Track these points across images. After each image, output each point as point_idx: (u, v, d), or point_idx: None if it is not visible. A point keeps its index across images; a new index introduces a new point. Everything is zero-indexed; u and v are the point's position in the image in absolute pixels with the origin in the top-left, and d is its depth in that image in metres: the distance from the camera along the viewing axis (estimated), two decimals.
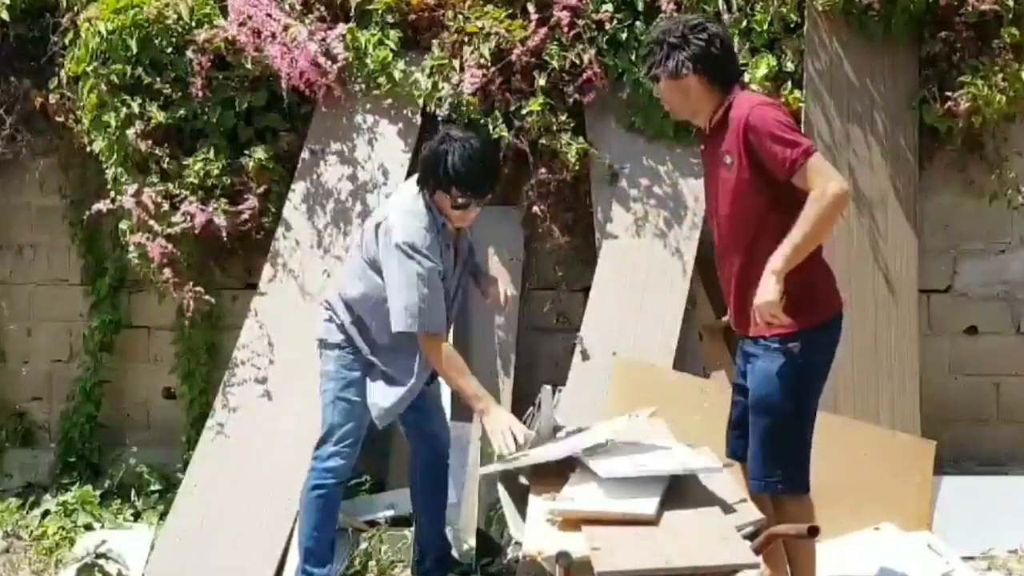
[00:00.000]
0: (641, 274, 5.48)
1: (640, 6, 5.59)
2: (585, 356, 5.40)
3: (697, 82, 3.86)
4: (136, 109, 5.51)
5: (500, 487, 4.05)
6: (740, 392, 4.13)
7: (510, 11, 5.60)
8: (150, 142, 5.53)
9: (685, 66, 3.83)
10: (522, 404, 5.38)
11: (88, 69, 5.54)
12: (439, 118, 5.60)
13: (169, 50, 5.60)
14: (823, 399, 4.85)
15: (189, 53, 5.54)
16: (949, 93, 5.41)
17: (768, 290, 3.68)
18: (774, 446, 3.91)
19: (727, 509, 3.44)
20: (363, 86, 5.67)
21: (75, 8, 5.74)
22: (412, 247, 4.23)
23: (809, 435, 3.99)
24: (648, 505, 3.23)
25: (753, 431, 3.96)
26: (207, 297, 5.54)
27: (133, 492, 5.77)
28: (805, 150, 3.70)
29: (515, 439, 4.04)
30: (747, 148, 3.77)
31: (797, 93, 5.46)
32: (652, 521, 3.18)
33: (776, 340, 3.87)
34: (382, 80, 5.62)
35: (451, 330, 4.59)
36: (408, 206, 4.35)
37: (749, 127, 3.75)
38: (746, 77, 5.39)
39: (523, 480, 3.87)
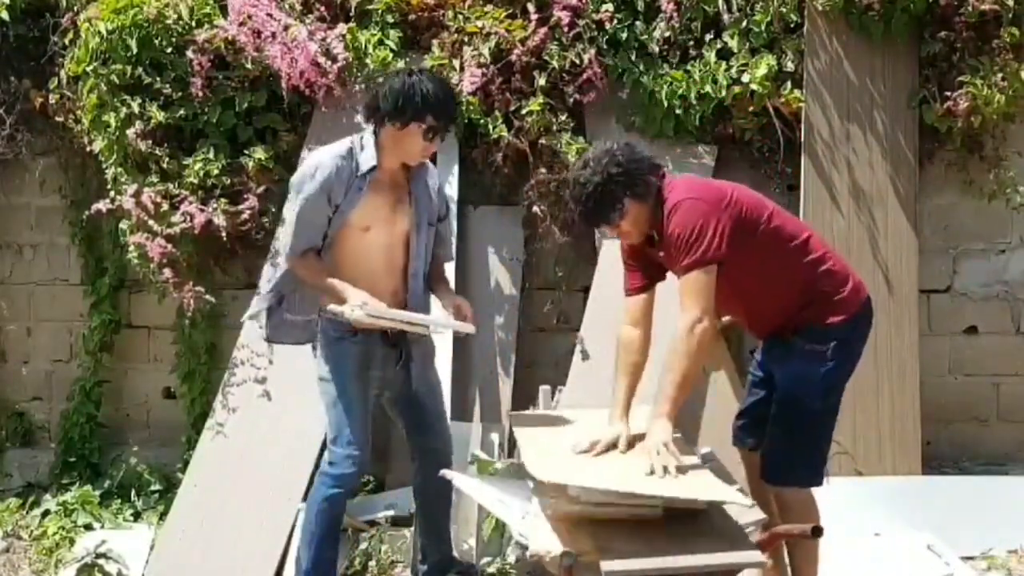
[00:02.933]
0: None
1: (640, 6, 5.60)
2: (585, 356, 5.40)
3: (636, 208, 3.79)
4: (136, 109, 5.52)
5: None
6: (756, 386, 4.15)
7: (510, 11, 5.61)
8: (150, 142, 5.54)
9: (623, 205, 3.76)
10: (522, 404, 5.39)
11: (88, 69, 5.55)
12: None
13: (169, 50, 5.61)
14: None
15: (189, 53, 5.55)
16: (949, 93, 5.43)
17: (657, 434, 3.53)
18: (800, 442, 3.93)
19: (732, 508, 3.43)
20: (363, 86, 5.66)
21: (75, 8, 5.75)
22: (302, 176, 4.22)
23: (831, 431, 4.03)
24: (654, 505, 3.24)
25: (778, 426, 3.95)
26: (207, 297, 5.54)
27: (133, 492, 5.77)
28: (686, 266, 3.65)
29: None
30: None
31: (797, 93, 5.47)
32: (659, 520, 3.18)
33: (812, 337, 3.88)
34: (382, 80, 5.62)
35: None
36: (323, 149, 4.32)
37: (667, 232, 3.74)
38: (745, 77, 5.41)
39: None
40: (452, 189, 5.65)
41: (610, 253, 5.54)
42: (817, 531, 3.27)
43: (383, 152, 4.22)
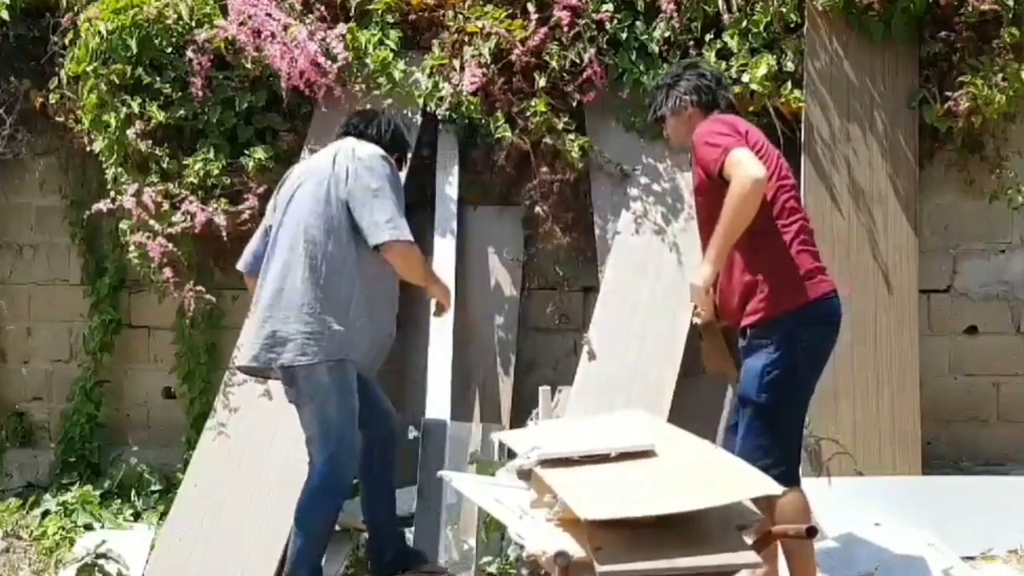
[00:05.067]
0: (645, 273, 5.47)
1: (640, 6, 5.59)
2: (592, 356, 5.37)
3: (693, 113, 4.20)
4: (136, 109, 5.52)
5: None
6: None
7: (510, 11, 5.61)
8: (150, 142, 5.55)
9: (682, 100, 4.21)
10: (522, 404, 5.39)
11: (88, 69, 5.55)
12: (439, 118, 5.61)
13: (169, 50, 5.61)
14: (823, 400, 4.86)
15: (189, 53, 5.55)
16: (949, 93, 5.42)
17: (697, 275, 3.97)
18: (755, 439, 3.93)
19: (727, 508, 3.43)
20: (363, 86, 5.66)
21: (75, 8, 5.75)
22: (384, 169, 4.38)
23: (794, 429, 4.02)
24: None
25: (740, 422, 4.02)
26: (207, 297, 5.55)
27: (133, 492, 5.77)
28: (725, 148, 3.87)
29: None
30: (696, 161, 4.07)
31: (797, 93, 5.46)
32: (655, 520, 3.17)
33: (755, 333, 3.91)
34: (382, 80, 5.62)
35: None
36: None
37: (692, 145, 4.08)
38: (745, 77, 5.41)
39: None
40: (452, 189, 5.66)
41: (615, 252, 5.54)
42: (812, 531, 3.27)
43: None
